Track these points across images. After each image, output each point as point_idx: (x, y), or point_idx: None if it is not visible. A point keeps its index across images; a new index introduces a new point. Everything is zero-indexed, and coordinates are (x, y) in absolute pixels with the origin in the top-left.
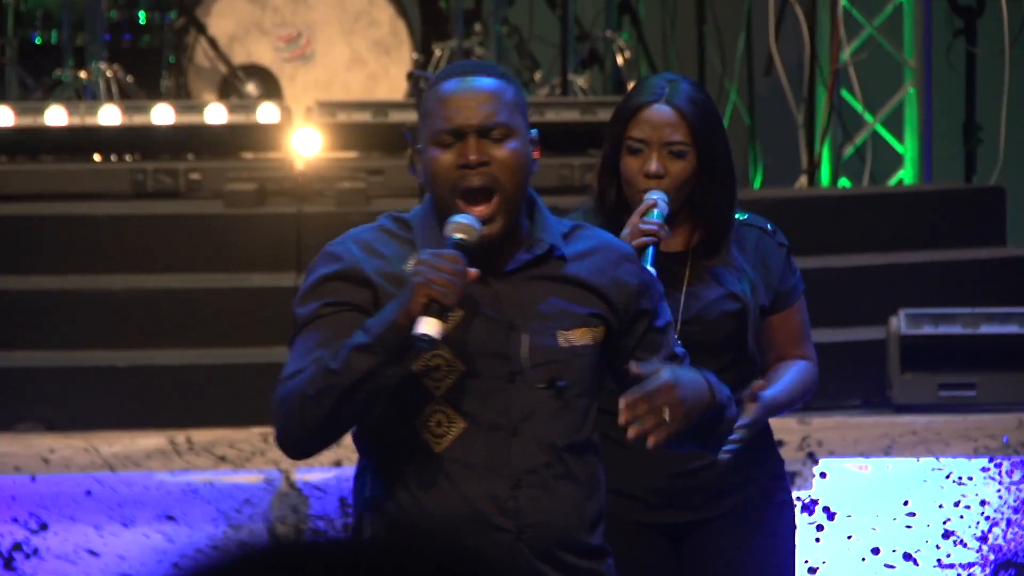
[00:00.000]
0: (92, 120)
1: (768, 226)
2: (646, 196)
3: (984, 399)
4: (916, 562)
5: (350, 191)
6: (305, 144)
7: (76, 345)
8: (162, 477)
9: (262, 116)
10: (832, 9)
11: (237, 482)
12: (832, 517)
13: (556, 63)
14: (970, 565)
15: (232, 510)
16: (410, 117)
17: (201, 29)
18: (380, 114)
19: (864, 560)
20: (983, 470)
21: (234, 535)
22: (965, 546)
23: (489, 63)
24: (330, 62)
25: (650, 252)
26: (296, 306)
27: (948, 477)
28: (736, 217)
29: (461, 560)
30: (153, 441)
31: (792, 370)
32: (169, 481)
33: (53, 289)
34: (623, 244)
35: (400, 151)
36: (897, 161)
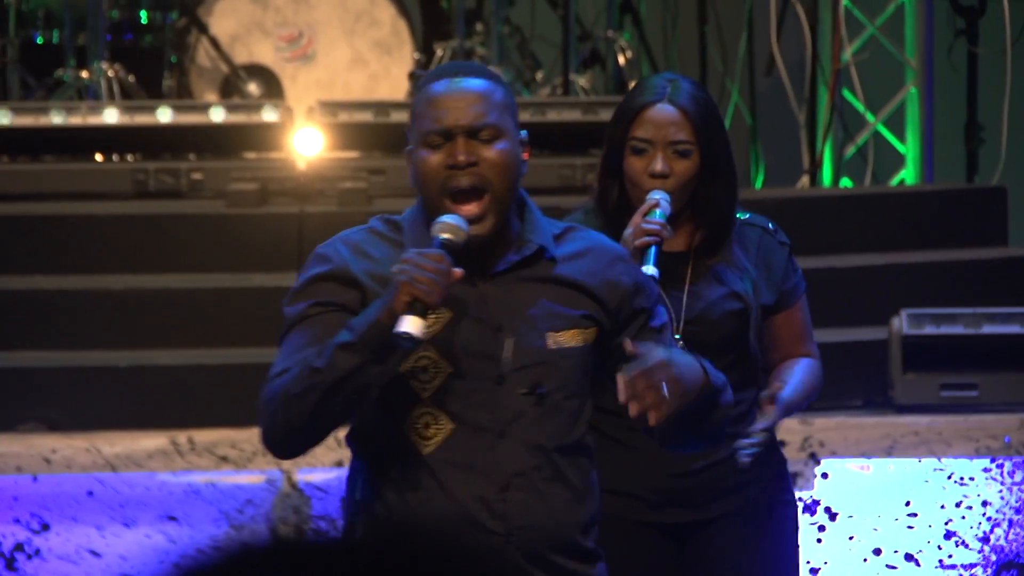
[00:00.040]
0: (94, 120)
1: (770, 225)
2: (648, 196)
3: (986, 399)
4: (918, 563)
5: (352, 191)
6: (307, 144)
7: (78, 345)
8: (164, 477)
9: (264, 116)
10: (834, 9)
11: (239, 482)
12: (834, 518)
13: (558, 63)
14: (972, 566)
15: (234, 511)
16: None
17: (203, 29)
18: (382, 114)
19: (866, 561)
20: (985, 471)
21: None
22: (967, 547)
23: (478, 64)
24: (332, 62)
25: (653, 252)
26: (285, 306)
27: (950, 478)
28: (738, 216)
29: (450, 560)
30: (155, 441)
31: (800, 369)
32: (171, 481)
33: (54, 289)
34: (616, 245)
35: (402, 151)
36: (899, 161)
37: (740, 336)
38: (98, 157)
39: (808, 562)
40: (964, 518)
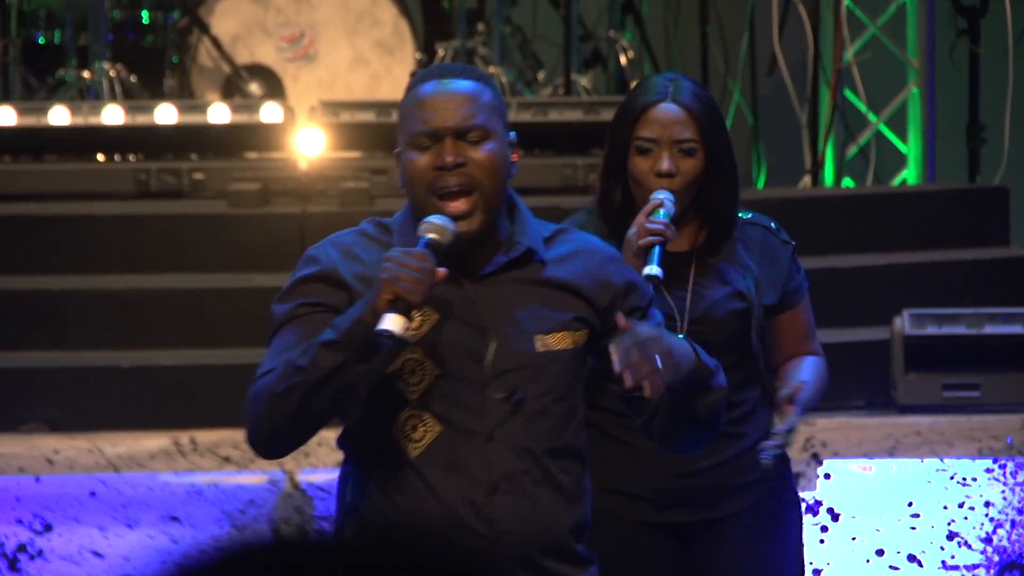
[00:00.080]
0: (95, 120)
1: (772, 224)
2: (652, 196)
3: (988, 399)
4: (920, 563)
5: (354, 191)
6: (308, 144)
7: (80, 345)
8: (166, 478)
9: (265, 116)
10: (835, 9)
11: (241, 483)
12: (836, 518)
13: (559, 63)
14: (975, 567)
15: (236, 511)
16: None
17: (204, 29)
18: (383, 114)
19: (868, 561)
20: (987, 471)
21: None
22: (970, 547)
23: (467, 66)
24: (333, 62)
25: (657, 251)
26: (274, 307)
27: (952, 478)
28: (740, 216)
29: (436, 562)
30: (157, 442)
31: (809, 368)
32: (173, 482)
33: (56, 289)
34: (607, 246)
35: None
36: (901, 161)
37: (744, 335)
38: (100, 157)
39: (811, 563)
40: (967, 519)
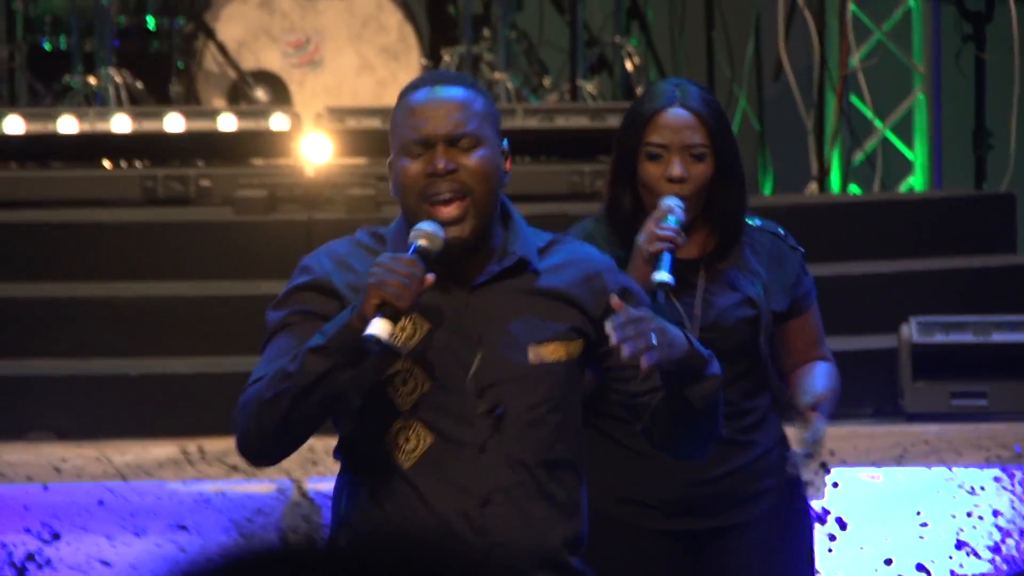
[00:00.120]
0: (102, 126)
1: (780, 231)
2: (661, 202)
3: (996, 408)
4: (929, 572)
5: (360, 197)
6: (315, 150)
7: (87, 353)
8: (174, 487)
9: (272, 122)
10: (841, 14)
11: (249, 491)
12: (844, 527)
13: (565, 69)
14: None
15: (244, 519)
16: None
17: (210, 35)
18: (390, 120)
19: (877, 571)
20: (995, 480)
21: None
22: (978, 556)
23: (459, 74)
24: (339, 68)
25: (667, 258)
26: (268, 314)
27: (961, 487)
28: (749, 223)
29: (431, 567)
30: (165, 450)
31: (824, 374)
32: (181, 491)
33: (63, 296)
34: (602, 255)
35: None
36: (907, 167)
37: (753, 342)
38: (106, 164)
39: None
40: (975, 528)
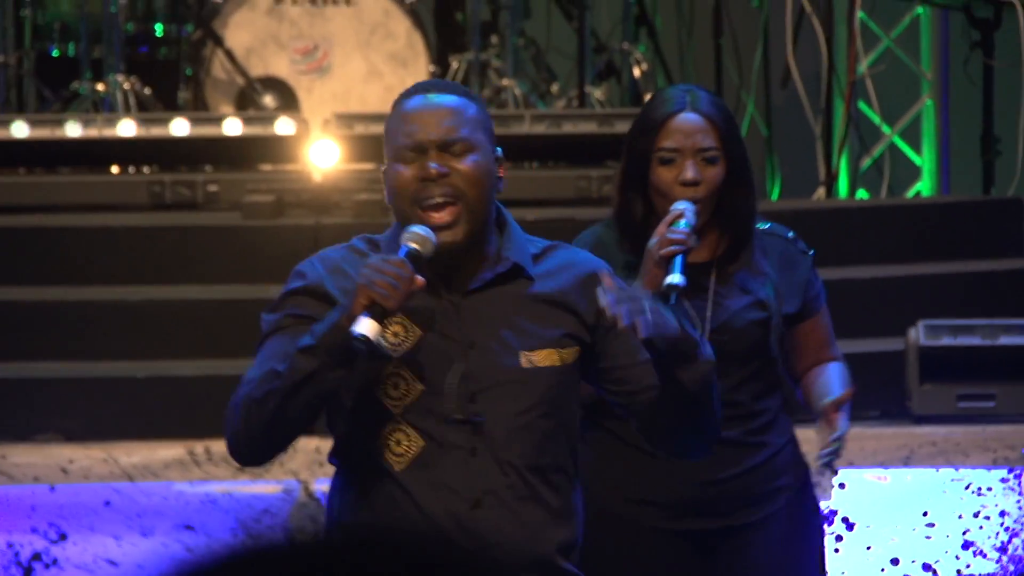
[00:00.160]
0: (110, 132)
1: (790, 234)
2: (672, 206)
3: (1003, 410)
4: (936, 573)
5: (367, 203)
6: (322, 156)
7: (95, 356)
8: (181, 487)
9: (279, 128)
10: (849, 21)
11: (256, 492)
12: (851, 528)
13: (573, 75)
14: None
15: (251, 520)
16: None
17: (218, 41)
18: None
19: (883, 571)
20: (1002, 481)
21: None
22: (985, 557)
23: (452, 82)
24: (347, 74)
25: (678, 261)
26: (262, 318)
27: (967, 488)
28: (759, 226)
29: (426, 563)
30: (172, 451)
31: (837, 374)
32: (188, 491)
33: (71, 300)
34: (596, 260)
35: None
36: (915, 173)
37: (764, 344)
38: (114, 169)
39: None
40: (982, 528)
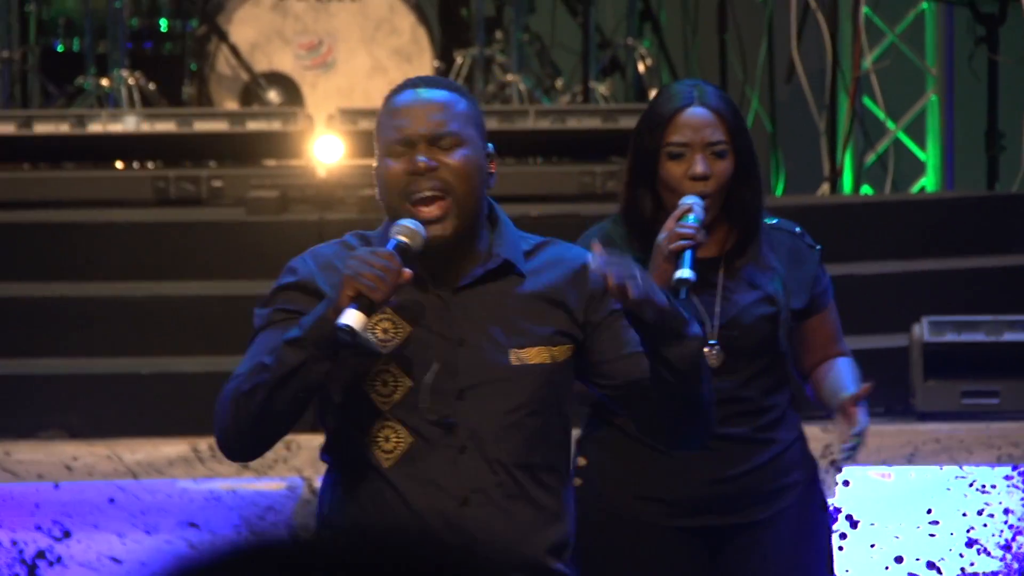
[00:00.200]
0: (114, 127)
1: (797, 229)
2: (681, 201)
3: (1007, 407)
4: (940, 570)
5: (372, 198)
6: (327, 151)
7: (99, 352)
8: (185, 484)
9: (284, 124)
10: (854, 16)
11: (260, 489)
12: (855, 525)
13: (577, 70)
14: (994, 574)
15: (255, 517)
16: None
17: (223, 37)
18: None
19: (887, 568)
20: (1006, 478)
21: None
22: (989, 554)
23: (443, 78)
24: (351, 70)
25: (688, 255)
26: (255, 312)
27: (971, 485)
28: (766, 221)
29: (406, 568)
30: (176, 448)
31: (849, 369)
32: (192, 488)
33: (75, 296)
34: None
35: None
36: (919, 168)
37: (773, 339)
38: (118, 164)
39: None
40: (986, 526)
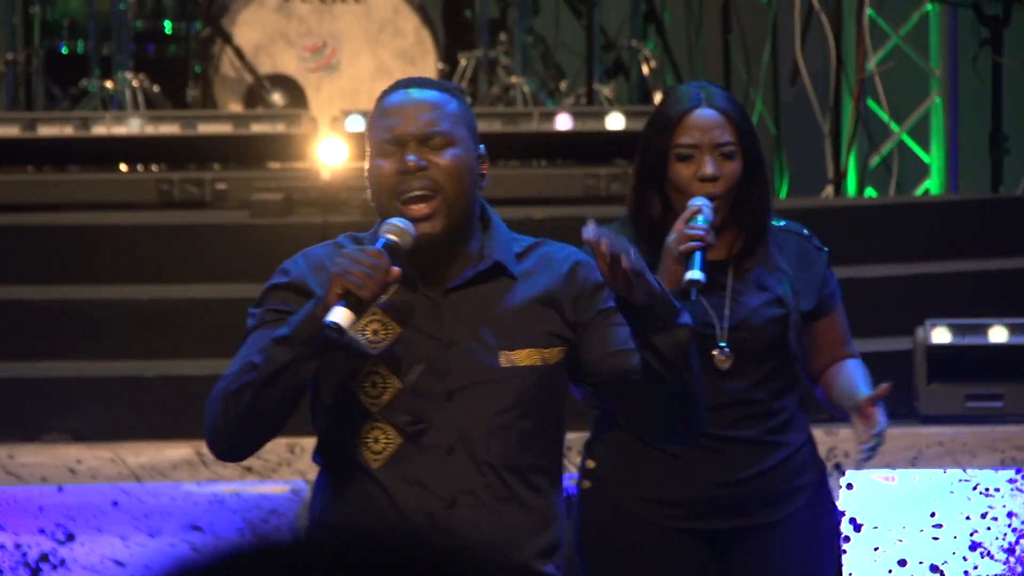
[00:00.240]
0: (118, 130)
1: (805, 231)
2: (689, 203)
3: (1011, 410)
4: (943, 574)
5: None
6: (331, 154)
7: (102, 355)
8: (188, 488)
9: (288, 126)
10: (858, 18)
11: (263, 492)
12: (859, 529)
13: (581, 72)
14: None
15: (258, 520)
16: None
17: (227, 39)
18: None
19: (891, 572)
20: (1010, 481)
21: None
22: (992, 558)
23: (437, 80)
24: (355, 72)
25: (698, 257)
26: (249, 312)
27: (975, 488)
28: (774, 224)
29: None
30: (179, 451)
31: (860, 371)
32: (195, 492)
33: (78, 299)
34: (577, 252)
35: None
36: (923, 171)
37: (782, 341)
38: (122, 167)
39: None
40: (989, 529)
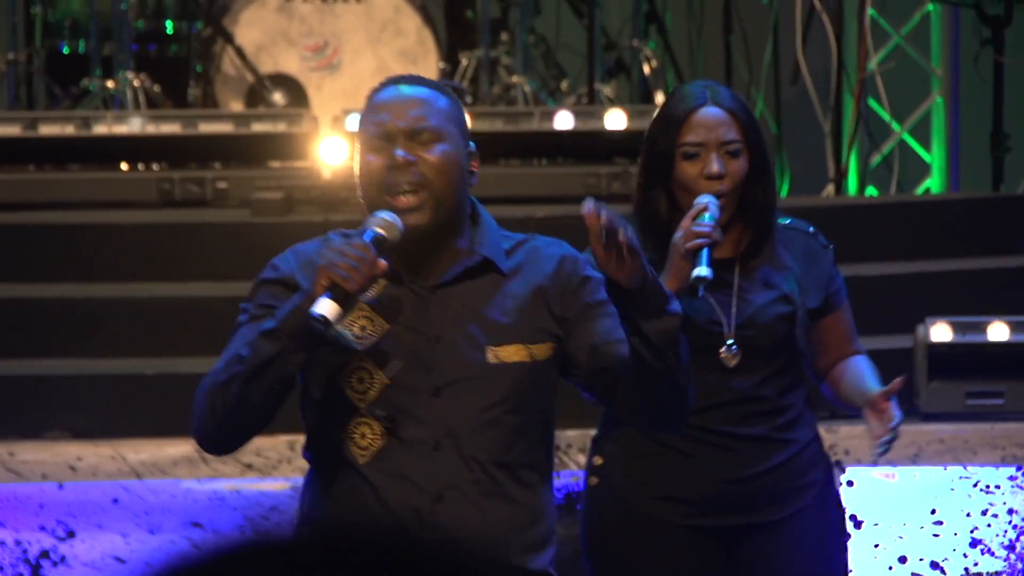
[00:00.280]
0: (119, 129)
1: (810, 229)
2: (696, 200)
3: (1012, 407)
4: (944, 571)
5: None
6: (332, 153)
7: (103, 353)
8: (189, 485)
9: (289, 125)
10: (859, 18)
11: (263, 490)
12: (859, 526)
13: (583, 72)
14: (998, 574)
15: (259, 517)
16: None
17: (228, 39)
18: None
19: (891, 569)
20: (1011, 479)
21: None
22: (993, 555)
23: (427, 78)
24: (357, 71)
25: (705, 254)
26: (240, 307)
27: (976, 486)
28: (779, 221)
29: (381, 565)
30: (180, 449)
31: (867, 367)
32: (196, 489)
33: (79, 297)
34: (565, 247)
35: None
36: (924, 170)
37: (789, 338)
38: (123, 166)
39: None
40: (990, 526)
